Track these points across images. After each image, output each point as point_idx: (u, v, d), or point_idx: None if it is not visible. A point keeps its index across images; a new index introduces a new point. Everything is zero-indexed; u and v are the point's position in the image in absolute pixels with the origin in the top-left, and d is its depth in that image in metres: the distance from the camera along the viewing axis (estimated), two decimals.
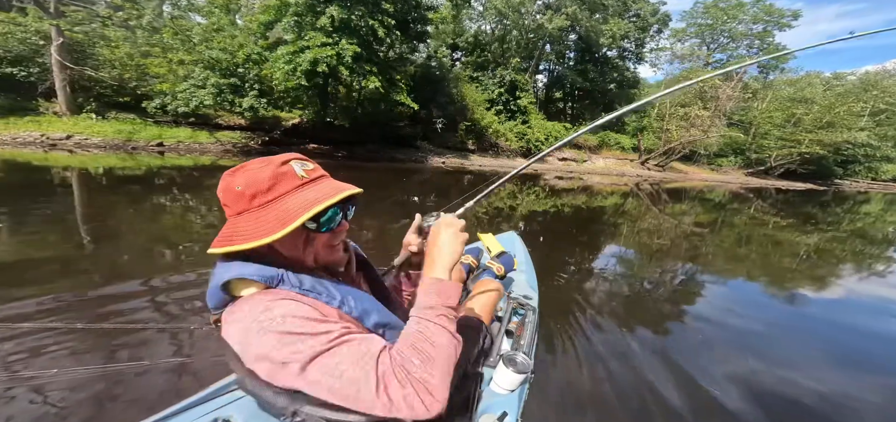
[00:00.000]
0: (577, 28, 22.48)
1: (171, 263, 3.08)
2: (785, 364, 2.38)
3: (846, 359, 2.53)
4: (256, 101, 12.11)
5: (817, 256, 5.72)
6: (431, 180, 10.98)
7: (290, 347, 0.56)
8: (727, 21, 29.15)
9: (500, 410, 1.01)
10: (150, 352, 1.82)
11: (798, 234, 7.68)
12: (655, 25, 27.11)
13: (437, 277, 0.72)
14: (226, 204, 0.67)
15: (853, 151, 27.05)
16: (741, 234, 7.29)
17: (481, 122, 19.14)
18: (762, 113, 27.22)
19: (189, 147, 12.02)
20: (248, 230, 0.62)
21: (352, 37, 11.99)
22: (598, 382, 2.00)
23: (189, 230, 4.24)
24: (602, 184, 15.00)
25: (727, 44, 30.57)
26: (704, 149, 24.55)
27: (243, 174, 0.65)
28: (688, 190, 16.21)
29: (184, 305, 2.30)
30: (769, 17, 28.43)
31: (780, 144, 25.80)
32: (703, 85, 22.90)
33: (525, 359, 1.15)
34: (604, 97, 25.40)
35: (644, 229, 6.85)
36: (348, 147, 14.69)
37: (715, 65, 30.30)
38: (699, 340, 2.64)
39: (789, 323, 3.11)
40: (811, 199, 16.61)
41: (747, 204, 12.75)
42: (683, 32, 31.34)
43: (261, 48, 12.33)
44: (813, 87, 27.93)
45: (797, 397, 2.06)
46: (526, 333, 1.43)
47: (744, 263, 4.93)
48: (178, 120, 12.34)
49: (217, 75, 11.57)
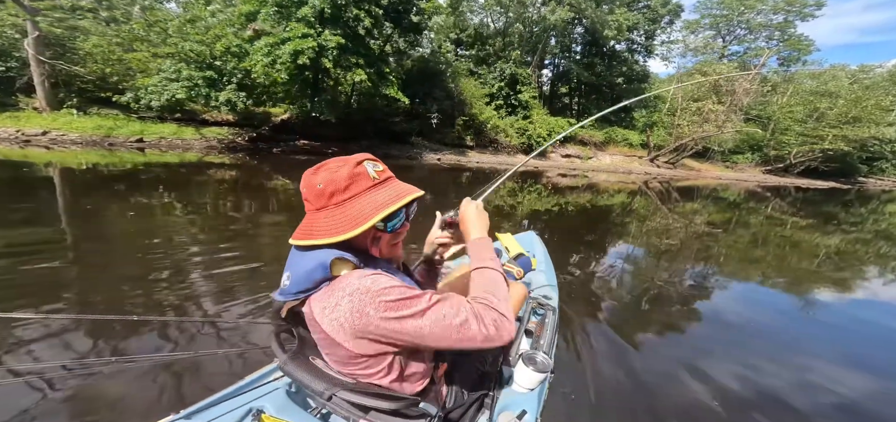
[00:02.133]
0: (583, 20, 21.52)
1: (193, 258, 3.16)
2: (802, 368, 2.34)
3: (862, 364, 2.43)
4: (234, 94, 11.56)
5: (839, 258, 5.39)
6: (426, 179, 10.37)
7: (405, 305, 0.67)
8: (744, 12, 27.63)
9: (519, 408, 1.03)
10: (184, 345, 1.86)
11: (819, 234, 7.12)
12: (667, 17, 25.82)
13: (480, 237, 0.88)
14: (307, 199, 0.74)
15: (880, 147, 25.37)
16: (757, 235, 6.88)
17: (480, 117, 18.34)
18: (782, 108, 25.70)
19: (171, 143, 11.61)
20: (326, 227, 0.71)
21: (336, 27, 11.42)
22: (610, 381, 1.98)
23: (182, 229, 3.89)
24: (608, 182, 14.30)
25: (744, 36, 29.05)
26: (719, 145, 23.28)
27: (324, 173, 0.72)
28: (700, 188, 15.44)
29: (217, 301, 2.37)
30: (791, 6, 26.81)
31: (800, 140, 24.23)
32: (717, 78, 21.71)
33: (545, 358, 1.16)
34: (611, 92, 24.29)
35: (653, 229, 6.68)
36: (340, 143, 14.13)
37: (730, 58, 28.85)
38: (711, 342, 2.61)
39: (807, 328, 3.02)
40: (834, 198, 15.72)
41: (765, 203, 11.90)
42: (697, 24, 29.90)
43: (241, 40, 11.82)
44: (838, 80, 26.24)
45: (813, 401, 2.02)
46: (546, 332, 1.44)
47: (759, 265, 4.71)
48: (163, 115, 11.93)
49: (192, 68, 11.07)
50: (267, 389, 1.00)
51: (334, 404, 0.77)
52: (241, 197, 6.12)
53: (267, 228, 4.38)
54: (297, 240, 0.72)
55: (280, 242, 3.62)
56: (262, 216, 4.93)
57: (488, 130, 18.54)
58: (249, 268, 3.00)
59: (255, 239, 3.92)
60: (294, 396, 0.98)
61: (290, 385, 1.01)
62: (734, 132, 21.83)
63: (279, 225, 4.47)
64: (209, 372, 1.67)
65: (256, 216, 4.88)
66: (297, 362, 0.80)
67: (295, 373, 0.79)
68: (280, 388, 0.99)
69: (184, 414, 0.89)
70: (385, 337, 0.69)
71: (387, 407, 0.77)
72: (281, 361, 0.81)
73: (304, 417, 0.89)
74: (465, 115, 18.00)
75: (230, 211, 5.08)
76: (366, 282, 0.67)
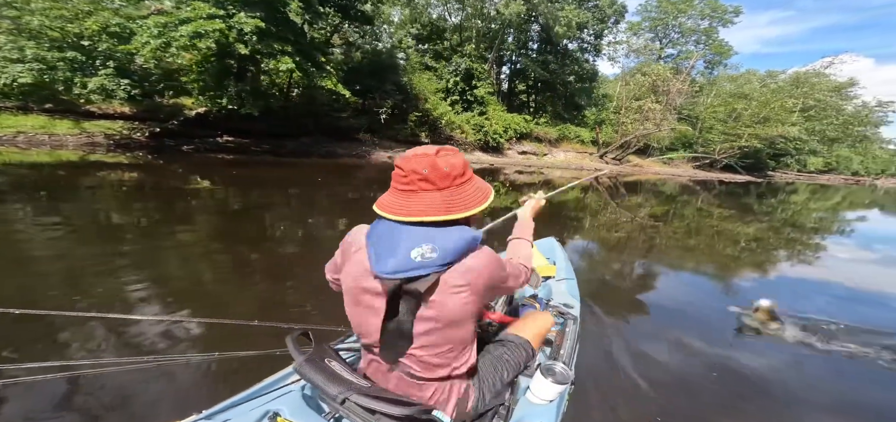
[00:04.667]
0: (537, 17, 22.09)
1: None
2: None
3: None
4: (111, 81, 9.77)
5: (756, 244, 6.01)
6: (376, 179, 9.78)
7: (505, 268, 0.90)
8: (678, 15, 30.30)
9: (536, 420, 1.04)
10: (199, 347, 1.89)
11: (739, 224, 8.04)
12: (613, 17, 27.43)
13: (525, 218, 1.30)
14: (428, 179, 0.79)
15: (785, 144, 29.38)
16: (690, 225, 7.36)
17: (434, 112, 17.81)
18: (708, 108, 28.70)
19: (32, 140, 9.36)
20: (462, 202, 0.81)
21: (254, 9, 10.02)
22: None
23: None
24: (563, 178, 14.86)
25: (678, 39, 31.84)
26: (657, 142, 25.42)
27: (442, 157, 0.82)
28: (643, 183, 16.64)
29: (233, 305, 2.42)
30: (714, 12, 29.86)
31: (722, 138, 27.32)
32: (655, 78, 23.61)
33: (564, 369, 1.15)
34: (565, 90, 25.33)
35: (603, 223, 6.93)
36: (274, 140, 12.70)
37: (666, 60, 31.55)
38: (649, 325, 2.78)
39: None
40: (749, 190, 17.73)
41: (695, 196, 13.13)
42: (639, 26, 32.17)
43: (123, 18, 9.94)
44: (751, 84, 29.87)
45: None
46: (566, 343, 1.43)
47: (694, 254, 5.23)
48: (28, 105, 9.74)
49: (44, 47, 9.07)
50: (283, 392, 1.02)
51: (347, 408, 0.79)
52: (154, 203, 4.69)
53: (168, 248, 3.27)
54: (432, 215, 0.78)
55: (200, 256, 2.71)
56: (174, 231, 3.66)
57: (443, 126, 18.12)
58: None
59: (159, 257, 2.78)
60: (309, 399, 0.99)
61: (305, 388, 1.03)
62: (670, 130, 23.99)
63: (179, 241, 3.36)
64: (225, 375, 1.70)
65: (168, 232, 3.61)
66: (312, 365, 0.84)
67: (310, 376, 0.82)
68: (295, 391, 1.01)
69: (205, 415, 0.91)
70: (497, 290, 0.89)
71: (400, 413, 0.78)
72: (297, 363, 0.84)
73: (319, 420, 0.90)
74: (418, 110, 17.40)
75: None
76: (492, 253, 0.83)
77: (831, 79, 30.88)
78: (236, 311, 2.36)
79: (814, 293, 3.72)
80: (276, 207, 5.78)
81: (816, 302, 3.40)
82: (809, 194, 18.42)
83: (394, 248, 0.76)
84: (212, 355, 1.31)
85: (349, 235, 0.88)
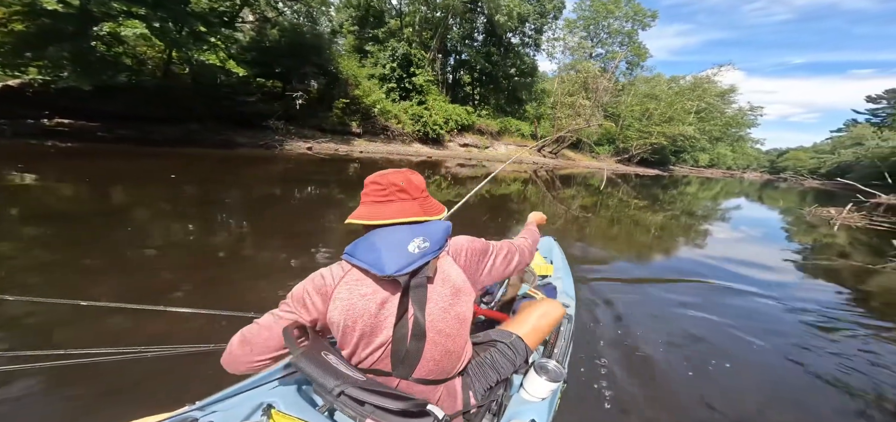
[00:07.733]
0: (481, 6, 21.95)
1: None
2: None
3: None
4: None
5: (663, 231, 7.05)
6: (289, 173, 8.56)
7: (484, 241, 1.02)
8: (607, 16, 33.20)
9: (528, 416, 1.04)
10: (196, 338, 1.70)
11: (650, 213, 9.10)
12: (552, 13, 28.81)
13: (533, 224, 1.42)
14: (405, 190, 0.92)
15: (683, 142, 34.46)
16: (613, 216, 8.15)
17: (365, 99, 16.41)
18: (628, 106, 32.27)
19: None
20: (433, 209, 0.96)
21: None
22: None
23: None
24: (505, 171, 15.29)
25: (606, 39, 34.93)
26: (587, 137, 27.89)
27: (413, 175, 0.96)
28: (575, 176, 18.01)
29: (227, 295, 2.40)
30: (636, 15, 33.30)
31: (638, 135, 31.05)
32: (586, 76, 25.74)
33: (557, 367, 1.15)
34: (507, 83, 26.11)
35: (549, 215, 7.13)
36: (139, 124, 10.38)
37: (596, 58, 34.54)
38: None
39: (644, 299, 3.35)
40: (657, 183, 20.36)
41: (617, 188, 14.64)
42: (574, 24, 34.43)
43: None
44: (660, 86, 34.28)
45: None
46: (560, 340, 1.45)
47: (616, 242, 5.82)
48: None
49: None
50: (278, 384, 1.01)
51: (342, 401, 0.79)
52: None
53: None
54: (413, 217, 0.89)
55: None
56: None
57: (377, 115, 16.90)
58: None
59: None
60: (304, 392, 0.99)
61: (300, 381, 1.02)
62: (598, 126, 26.52)
63: None
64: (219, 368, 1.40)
65: None
66: (308, 358, 0.82)
67: (306, 368, 0.81)
68: (291, 383, 1.01)
69: (198, 406, 0.90)
70: (486, 257, 1.00)
71: (394, 407, 0.79)
72: (293, 356, 0.82)
73: (313, 413, 0.90)
74: (346, 96, 15.93)
75: None
76: (469, 237, 1.00)
77: (718, 85, 36.79)
78: (233, 303, 2.32)
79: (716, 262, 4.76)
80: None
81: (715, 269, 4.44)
82: (699, 186, 21.86)
83: (393, 248, 0.83)
84: (207, 346, 1.27)
85: (316, 281, 0.87)
